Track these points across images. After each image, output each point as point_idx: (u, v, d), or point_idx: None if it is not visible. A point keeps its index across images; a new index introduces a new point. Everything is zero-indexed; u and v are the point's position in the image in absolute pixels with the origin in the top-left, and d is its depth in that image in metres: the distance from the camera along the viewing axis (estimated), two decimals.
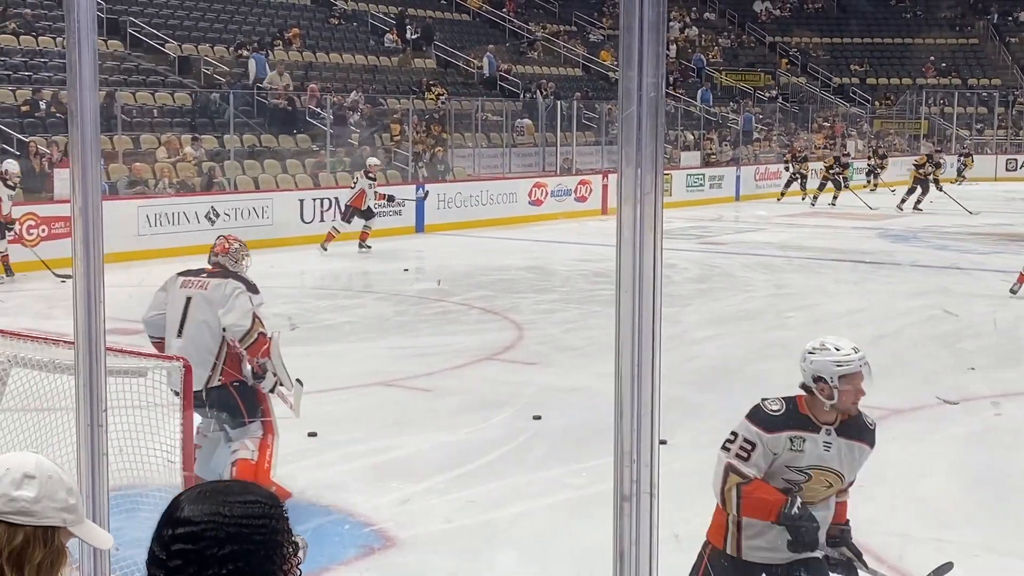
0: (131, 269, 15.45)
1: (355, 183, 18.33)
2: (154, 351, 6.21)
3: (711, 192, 28.06)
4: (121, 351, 4.98)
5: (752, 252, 18.81)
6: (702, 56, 38.58)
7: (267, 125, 22.12)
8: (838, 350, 4.22)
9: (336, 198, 19.81)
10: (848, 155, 29.93)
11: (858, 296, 14.46)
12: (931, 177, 25.75)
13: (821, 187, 27.68)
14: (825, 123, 37.15)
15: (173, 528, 1.88)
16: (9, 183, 14.93)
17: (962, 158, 34.36)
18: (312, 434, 7.65)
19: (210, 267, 6.58)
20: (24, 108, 18.84)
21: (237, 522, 1.88)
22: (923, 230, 22.25)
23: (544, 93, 28.72)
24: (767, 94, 38.60)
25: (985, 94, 40.82)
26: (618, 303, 1.79)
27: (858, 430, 4.25)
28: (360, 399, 9.01)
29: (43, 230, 15.69)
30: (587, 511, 6.49)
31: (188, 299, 6.36)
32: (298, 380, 6.56)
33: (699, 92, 34.37)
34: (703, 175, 28.42)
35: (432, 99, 26.46)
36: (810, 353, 4.19)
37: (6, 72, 20.06)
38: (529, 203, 23.46)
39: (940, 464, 7.75)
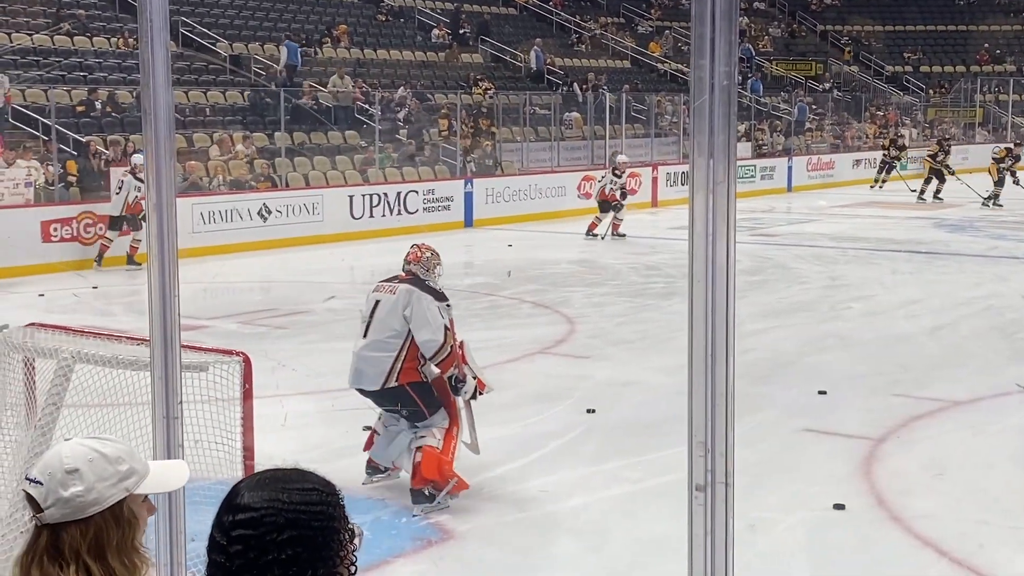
0: (186, 266, 15.61)
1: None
2: (214, 346, 6.27)
3: (763, 183, 27.83)
4: (183, 346, 5.03)
5: (806, 243, 18.64)
6: (750, 46, 38.26)
7: (315, 123, 22.27)
8: None
9: (385, 194, 19.92)
10: (903, 137, 30.14)
11: (914, 287, 14.31)
12: (1006, 170, 25.24)
13: (880, 170, 28.41)
14: (878, 112, 36.72)
15: (233, 514, 1.90)
16: (139, 176, 15.25)
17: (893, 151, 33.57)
18: (368, 428, 7.68)
19: (403, 275, 6.74)
20: (80, 108, 19.09)
21: (295, 508, 1.91)
22: (979, 219, 21.95)
23: (584, 87, 28.60)
24: (819, 84, 38.24)
25: None
26: (691, 291, 1.78)
27: None
28: None
29: (100, 228, 15.89)
30: (644, 504, 6.48)
31: (376, 302, 6.59)
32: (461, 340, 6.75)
33: (749, 82, 34.10)
34: (754, 166, 28.20)
35: (480, 94, 26.48)
36: None
37: (61, 73, 20.34)
38: (578, 196, 23.41)
39: (1002, 454, 7.65)
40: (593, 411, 8.39)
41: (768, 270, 15.76)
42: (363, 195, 19.78)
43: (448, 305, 6.59)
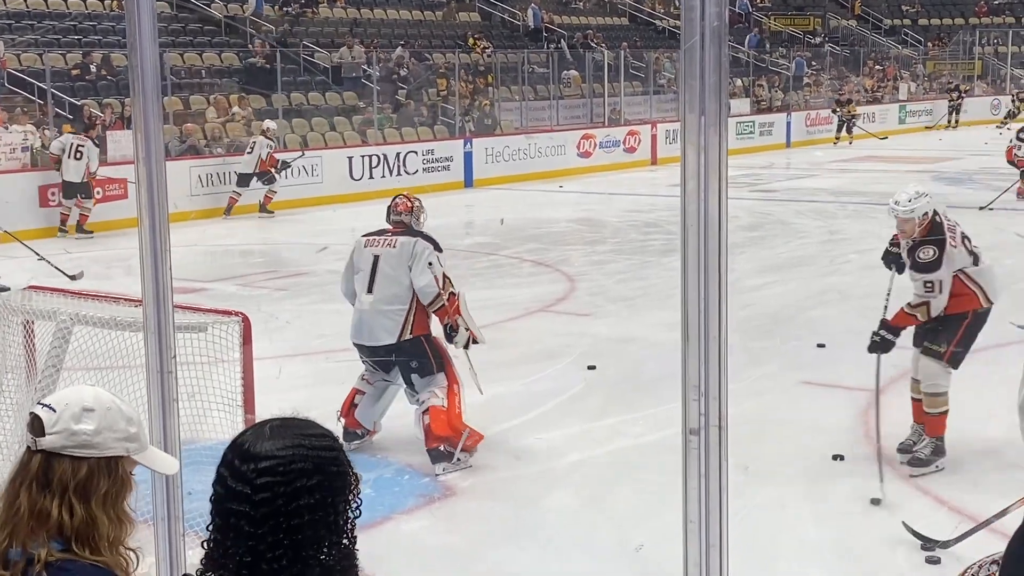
0: (184, 228, 15.61)
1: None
2: (213, 307, 6.28)
3: (761, 139, 27.72)
4: (180, 307, 5.03)
5: (805, 199, 18.60)
6: (747, 1, 37.98)
7: (312, 83, 22.16)
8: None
9: (384, 155, 19.85)
10: (846, 97, 30.38)
11: None
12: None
13: (839, 128, 29.10)
14: (877, 67, 36.51)
15: (255, 462, 1.89)
16: (270, 136, 17.41)
17: (1017, 102, 33.57)
18: None
19: (392, 227, 6.78)
20: (75, 72, 18.98)
21: (318, 454, 1.91)
22: (978, 171, 21.87)
23: (573, 46, 28.38)
24: (817, 38, 37.99)
25: None
26: (684, 236, 1.78)
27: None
28: None
29: (98, 192, 15.85)
30: (644, 458, 6.51)
31: (376, 257, 6.60)
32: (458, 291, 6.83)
33: (747, 37, 33.89)
34: (753, 122, 28.08)
35: (477, 53, 26.32)
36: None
37: (56, 36, 20.21)
38: (578, 155, 23.34)
39: (1002, 404, 7.65)
40: (594, 368, 8.41)
41: (767, 225, 15.74)
42: (362, 156, 19.71)
43: (442, 253, 6.67)
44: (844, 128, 29.20)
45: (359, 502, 1.97)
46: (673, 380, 2.31)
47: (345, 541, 1.94)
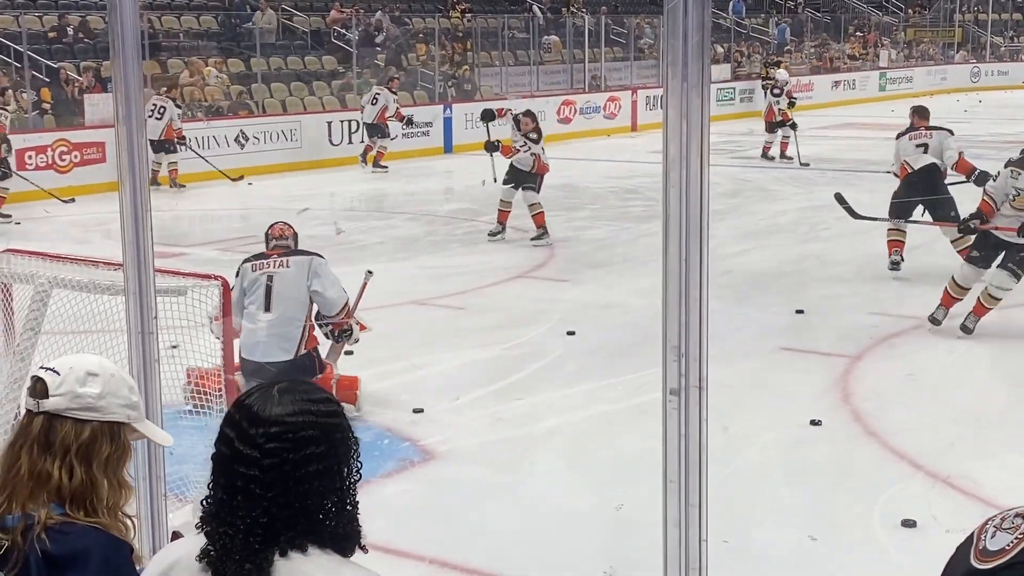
0: (163, 193, 15.52)
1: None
2: (193, 271, 6.27)
3: (742, 106, 27.71)
4: (160, 271, 5.02)
5: (784, 166, 18.63)
6: None
7: (293, 47, 21.99)
8: None
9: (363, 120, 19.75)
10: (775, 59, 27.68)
11: None
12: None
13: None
14: (858, 33, 36.50)
15: (264, 427, 1.89)
16: (394, 89, 18.56)
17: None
18: (348, 352, 7.70)
19: (277, 250, 6.94)
20: (52, 34, 18.79)
21: (325, 420, 1.93)
22: (957, 139, 21.91)
23: (542, 9, 28.20)
24: (796, 3, 37.91)
25: (1020, 0, 39.95)
26: (666, 197, 1.78)
27: None
28: (393, 318, 9.04)
29: (76, 156, 15.74)
30: (623, 423, 6.55)
31: (269, 277, 6.72)
32: (369, 271, 7.39)
33: (731, 3, 33.79)
34: (733, 89, 28.05)
35: (457, 17, 26.17)
36: None
37: None
38: (558, 121, 23.27)
39: (976, 370, 7.75)
40: (573, 333, 8.44)
41: (746, 192, 15.77)
42: (341, 121, 19.60)
43: None
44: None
45: (359, 465, 1.99)
46: (651, 346, 2.32)
47: (349, 506, 1.96)
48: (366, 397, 6.93)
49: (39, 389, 2.10)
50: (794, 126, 18.79)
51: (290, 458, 1.88)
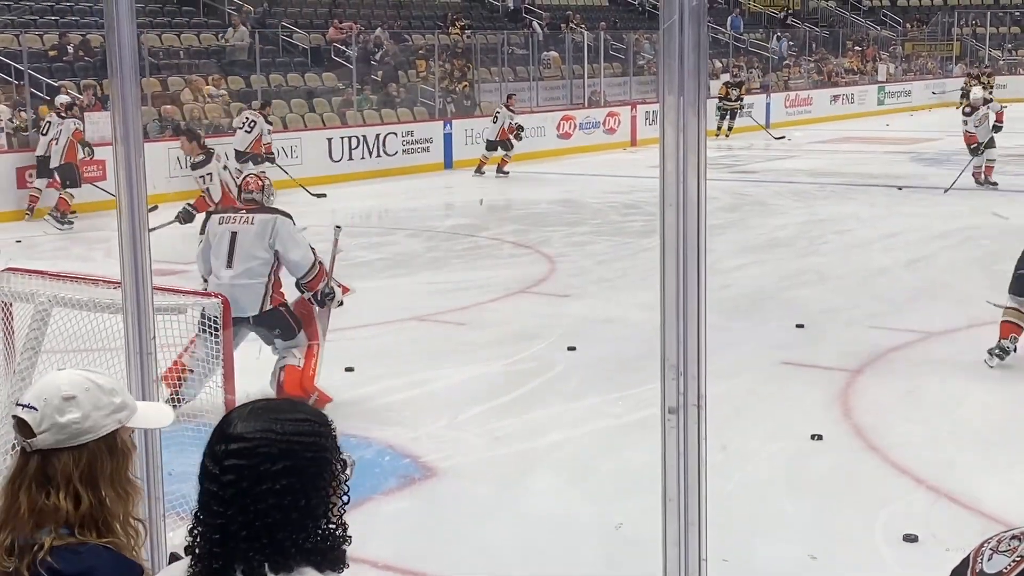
0: (164, 211, 15.53)
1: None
2: (193, 289, 6.28)
3: (741, 120, 27.73)
4: (159, 289, 5.02)
5: (784, 180, 18.66)
6: None
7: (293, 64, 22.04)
8: None
9: (364, 136, 19.79)
10: (739, 79, 27.61)
11: (892, 220, 14.35)
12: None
13: (722, 117, 25.82)
14: (857, 48, 36.59)
15: (226, 444, 1.90)
16: (513, 108, 20.05)
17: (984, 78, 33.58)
18: (349, 369, 7.73)
19: (246, 204, 7.05)
20: (52, 53, 18.84)
21: (288, 439, 1.91)
22: (956, 153, 21.93)
23: (542, 25, 28.27)
24: (795, 19, 38.01)
25: (1018, 13, 40.05)
26: (662, 216, 1.79)
27: None
28: (395, 334, 9.06)
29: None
30: (625, 438, 6.54)
31: (234, 234, 6.84)
32: (337, 227, 7.49)
33: (729, 19, 33.90)
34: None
35: (457, 33, 26.24)
36: None
37: (33, 17, 20.05)
38: (557, 136, 23.32)
39: (977, 384, 7.73)
40: (574, 349, 8.43)
41: (746, 207, 15.79)
42: (342, 137, 19.64)
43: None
44: (728, 115, 25.84)
45: (346, 488, 1.97)
46: (652, 360, 2.33)
47: (330, 526, 1.93)
48: (366, 414, 6.92)
49: (24, 429, 2.06)
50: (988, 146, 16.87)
51: (246, 475, 1.87)
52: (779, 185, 18.06)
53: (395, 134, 20.50)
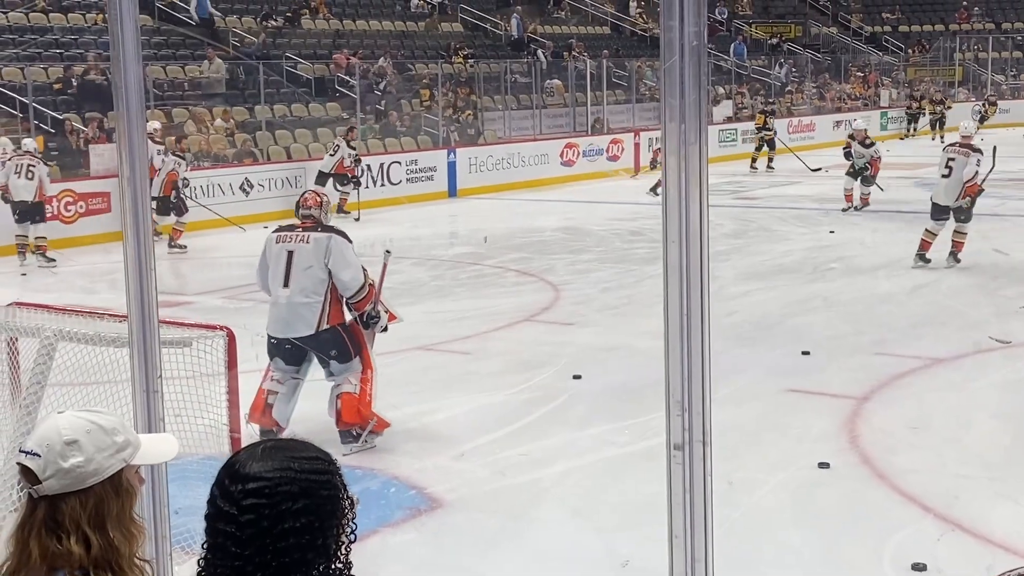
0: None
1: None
2: (198, 322, 6.27)
3: (744, 147, 27.79)
4: (164, 322, 5.02)
5: (788, 206, 18.68)
6: (726, 8, 38.17)
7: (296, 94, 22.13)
8: None
9: (368, 165, 19.84)
10: (771, 109, 27.25)
11: (896, 246, 14.34)
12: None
13: (758, 148, 25.22)
14: (859, 73, 36.69)
15: (243, 483, 1.89)
16: (352, 144, 18.61)
17: (986, 105, 33.71)
18: None
19: (304, 222, 7.05)
20: (57, 86, 18.93)
21: (306, 477, 1.91)
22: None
23: (545, 54, 28.38)
24: (798, 45, 38.16)
25: (1020, 38, 40.16)
26: (665, 253, 1.79)
27: None
28: (400, 364, 9.04)
29: (81, 207, 15.81)
30: (632, 467, 6.52)
31: (290, 252, 6.88)
32: (387, 251, 7.57)
33: (732, 46, 34.02)
34: (735, 129, 28.17)
35: (460, 62, 26.36)
36: None
37: (37, 51, 20.15)
38: (561, 164, 23.38)
39: (983, 410, 7.71)
40: (579, 377, 8.42)
41: (751, 233, 15.80)
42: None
43: (352, 244, 7.04)
44: (767, 145, 25.03)
45: (354, 527, 1.96)
46: (658, 389, 2.33)
47: (338, 564, 1.93)
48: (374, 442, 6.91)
49: (29, 476, 2.05)
50: None
51: (266, 513, 1.87)
52: (783, 211, 18.08)
53: (399, 163, 20.56)
